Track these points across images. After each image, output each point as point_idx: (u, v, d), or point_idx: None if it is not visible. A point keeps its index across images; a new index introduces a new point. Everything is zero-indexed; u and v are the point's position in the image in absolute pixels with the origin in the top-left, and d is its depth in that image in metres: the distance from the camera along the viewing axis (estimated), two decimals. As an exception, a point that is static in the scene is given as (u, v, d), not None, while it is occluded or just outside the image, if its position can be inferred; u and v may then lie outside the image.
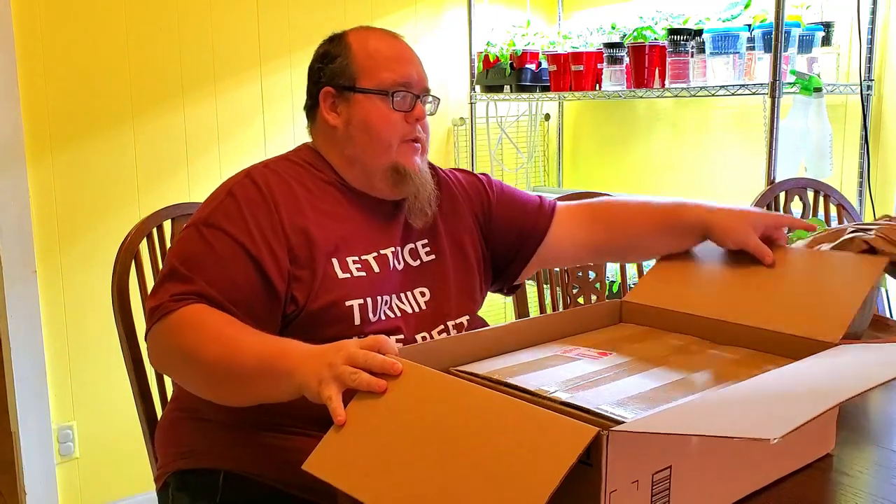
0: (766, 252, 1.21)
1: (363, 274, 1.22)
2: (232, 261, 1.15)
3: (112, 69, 2.33)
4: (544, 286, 1.94)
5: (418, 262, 1.31)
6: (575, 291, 1.95)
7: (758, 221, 1.25)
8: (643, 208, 1.39)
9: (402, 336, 1.23)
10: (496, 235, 1.42)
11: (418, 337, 1.25)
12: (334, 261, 1.20)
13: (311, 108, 1.33)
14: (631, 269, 2.01)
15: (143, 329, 1.46)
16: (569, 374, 0.95)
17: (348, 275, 1.20)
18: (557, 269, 1.93)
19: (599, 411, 0.81)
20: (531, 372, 0.96)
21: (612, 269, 2.11)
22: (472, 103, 3.05)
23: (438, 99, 1.34)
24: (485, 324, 1.37)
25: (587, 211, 1.44)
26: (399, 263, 1.28)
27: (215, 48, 2.51)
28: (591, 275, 1.95)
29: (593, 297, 1.95)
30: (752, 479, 0.87)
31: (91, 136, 2.32)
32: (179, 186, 2.45)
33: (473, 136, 3.07)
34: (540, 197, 1.48)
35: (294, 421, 1.15)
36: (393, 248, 1.28)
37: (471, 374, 0.96)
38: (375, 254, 1.26)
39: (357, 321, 1.19)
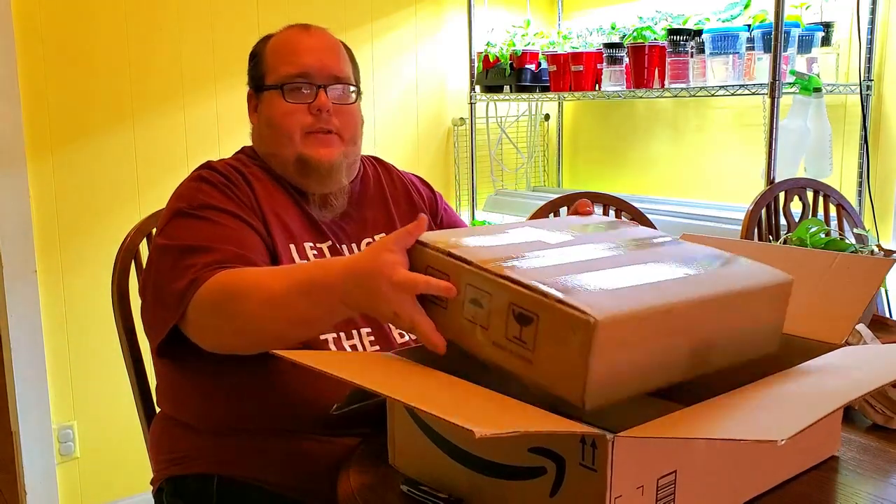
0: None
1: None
2: (240, 229, 1.15)
3: (112, 69, 2.33)
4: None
5: None
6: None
7: None
8: None
9: (369, 329, 1.21)
10: None
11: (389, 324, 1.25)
12: (291, 247, 1.21)
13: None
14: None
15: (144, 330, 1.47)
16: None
17: (305, 261, 1.21)
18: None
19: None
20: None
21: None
22: (471, 103, 3.05)
23: (356, 86, 1.32)
24: None
25: None
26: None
27: (215, 48, 2.51)
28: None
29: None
30: (758, 482, 0.87)
31: (91, 136, 2.32)
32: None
33: (473, 136, 3.07)
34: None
35: (285, 423, 1.15)
36: (347, 244, 1.29)
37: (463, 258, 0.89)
38: (330, 243, 1.26)
39: None
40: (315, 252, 1.23)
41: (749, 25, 2.27)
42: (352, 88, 1.31)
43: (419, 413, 0.90)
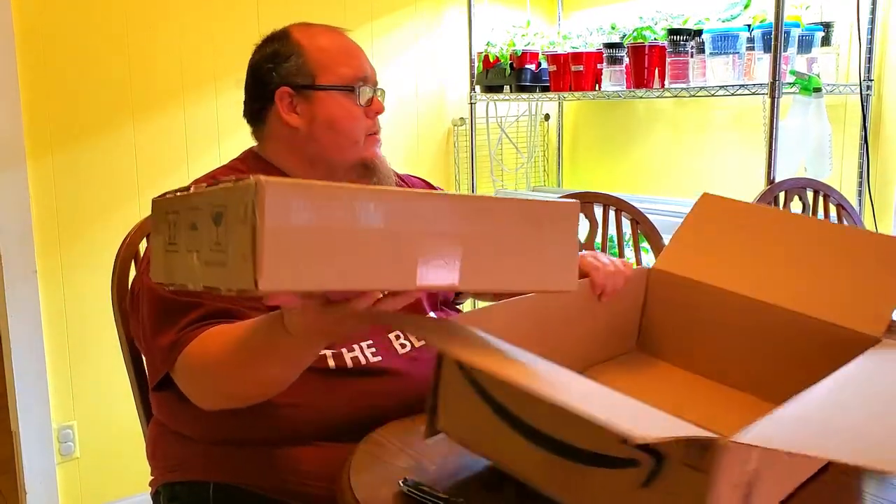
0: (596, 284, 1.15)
1: None
2: None
3: (112, 69, 2.33)
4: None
5: None
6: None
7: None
8: None
9: (370, 341, 1.20)
10: None
11: (391, 336, 1.23)
12: None
13: (260, 112, 1.29)
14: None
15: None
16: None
17: None
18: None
19: None
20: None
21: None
22: (471, 103, 3.05)
23: (384, 91, 1.33)
24: None
25: None
26: None
27: (215, 48, 2.51)
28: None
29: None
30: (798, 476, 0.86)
31: (91, 136, 2.32)
32: (179, 186, 2.45)
33: (473, 136, 3.07)
34: None
35: (283, 433, 1.14)
36: None
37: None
38: None
39: None
40: None
41: (749, 25, 2.27)
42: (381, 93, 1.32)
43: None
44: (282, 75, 1.25)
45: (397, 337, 1.23)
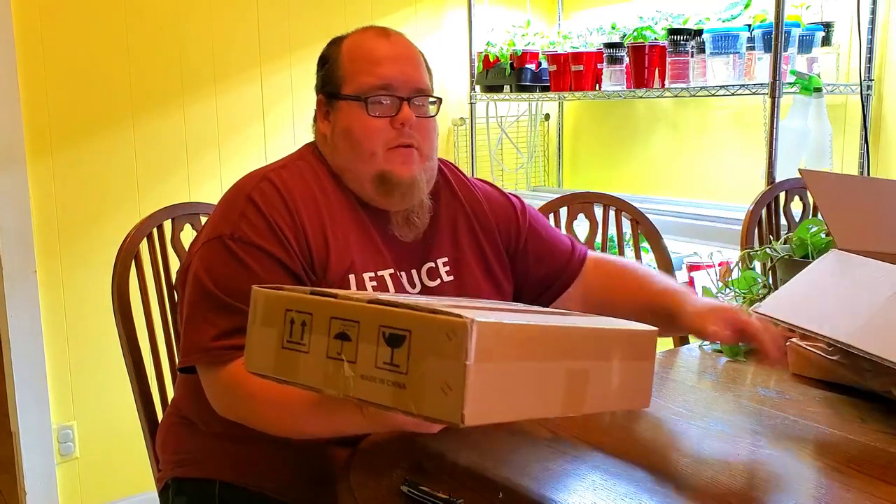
0: (720, 337, 1.17)
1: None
2: (272, 279, 1.09)
3: (112, 69, 2.33)
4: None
5: (437, 281, 1.24)
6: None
7: (724, 316, 1.17)
8: (645, 288, 1.32)
9: None
10: (520, 268, 1.34)
11: None
12: (351, 277, 1.15)
13: (316, 112, 1.28)
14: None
15: (144, 329, 1.47)
16: None
17: (364, 292, 1.15)
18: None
19: None
20: None
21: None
22: (472, 103, 3.05)
23: (440, 99, 1.25)
24: None
25: (606, 273, 1.38)
26: (414, 286, 1.22)
27: (215, 48, 2.51)
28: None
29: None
30: None
31: (91, 136, 2.32)
32: (179, 186, 2.45)
33: (473, 136, 3.06)
34: (571, 241, 1.40)
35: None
36: (406, 271, 1.22)
37: None
38: (392, 270, 1.20)
39: None
40: (375, 283, 1.17)
41: (749, 25, 2.27)
42: (432, 100, 1.23)
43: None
44: (320, 82, 1.25)
45: None
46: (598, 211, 1.94)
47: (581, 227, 1.93)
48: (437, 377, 0.70)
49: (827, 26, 2.28)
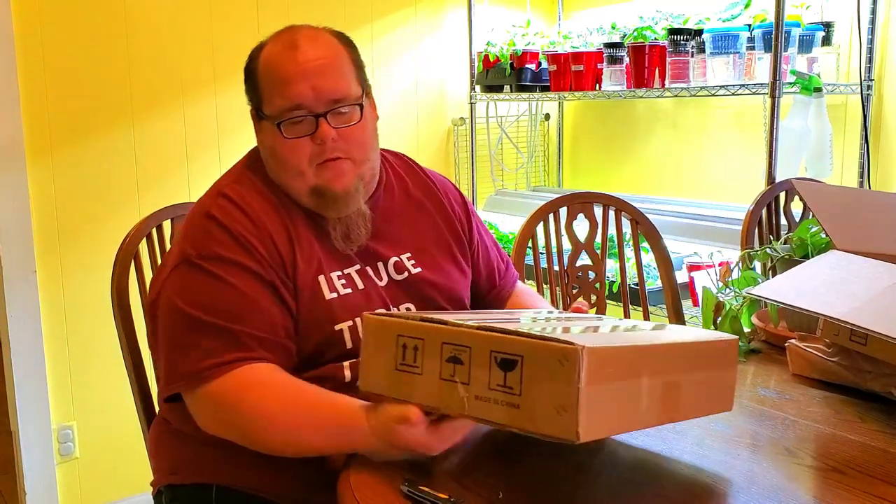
0: None
1: (349, 291, 1.17)
2: (251, 292, 1.10)
3: (112, 69, 2.33)
4: (544, 286, 1.94)
5: (405, 274, 1.25)
6: (575, 291, 1.95)
7: None
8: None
9: None
10: (472, 259, 1.39)
11: None
12: (321, 279, 1.15)
13: None
14: (631, 269, 2.01)
15: (143, 329, 1.46)
16: None
17: (335, 294, 1.16)
18: (557, 268, 1.93)
19: None
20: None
21: (611, 270, 2.11)
22: (472, 103, 3.05)
23: (360, 104, 1.18)
24: None
25: (522, 304, 1.44)
26: (381, 279, 1.23)
27: (215, 48, 2.51)
28: (591, 275, 1.95)
29: (593, 297, 1.95)
30: None
31: (91, 137, 2.32)
32: (179, 186, 2.45)
33: (473, 136, 3.06)
34: (507, 259, 1.47)
35: None
36: (372, 265, 1.23)
37: None
38: (358, 267, 1.20)
39: (349, 345, 1.16)
40: (343, 281, 1.17)
41: (749, 25, 2.27)
42: (355, 105, 1.18)
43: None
44: (248, 97, 1.24)
45: None
46: (598, 211, 1.94)
47: (581, 227, 1.93)
48: (550, 399, 0.77)
49: (827, 26, 2.28)
